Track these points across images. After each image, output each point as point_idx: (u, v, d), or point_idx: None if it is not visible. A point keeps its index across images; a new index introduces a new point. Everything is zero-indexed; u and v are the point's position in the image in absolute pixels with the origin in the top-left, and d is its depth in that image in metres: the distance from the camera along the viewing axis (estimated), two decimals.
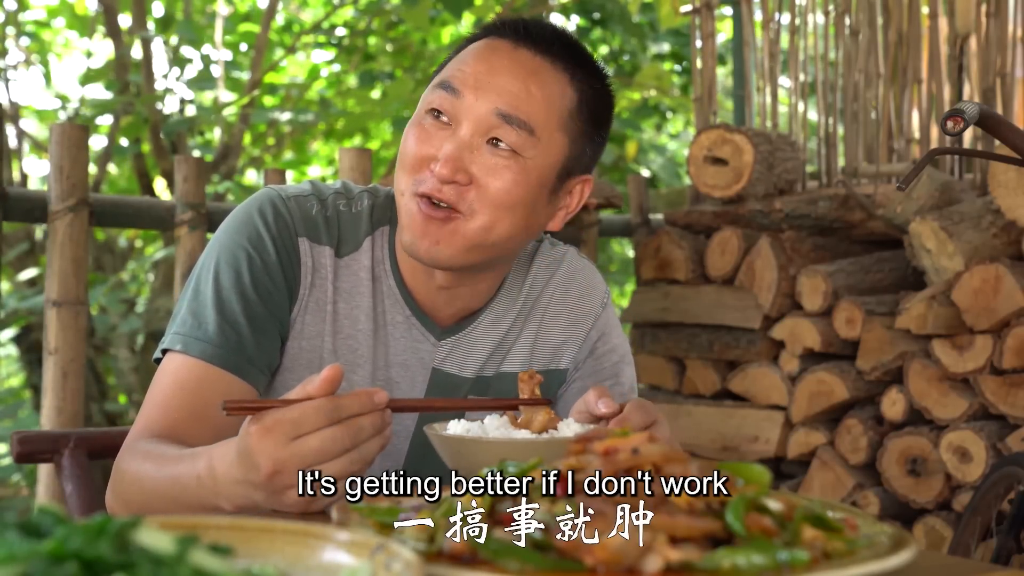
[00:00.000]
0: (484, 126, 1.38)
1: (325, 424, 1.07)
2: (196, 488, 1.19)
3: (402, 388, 1.50)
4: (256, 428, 1.08)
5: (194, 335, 1.37)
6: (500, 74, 1.40)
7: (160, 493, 1.25)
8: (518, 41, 1.42)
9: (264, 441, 1.07)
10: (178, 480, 1.23)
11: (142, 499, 1.29)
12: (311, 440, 1.07)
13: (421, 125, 1.41)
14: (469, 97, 1.39)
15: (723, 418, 3.37)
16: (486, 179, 1.38)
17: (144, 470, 1.29)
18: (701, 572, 0.76)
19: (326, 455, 1.07)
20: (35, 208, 2.67)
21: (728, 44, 5.81)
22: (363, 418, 1.09)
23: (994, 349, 2.79)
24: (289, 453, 1.06)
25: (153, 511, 1.25)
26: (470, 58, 1.42)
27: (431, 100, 1.41)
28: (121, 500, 1.33)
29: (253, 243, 1.41)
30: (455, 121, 1.39)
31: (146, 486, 1.28)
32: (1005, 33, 3.28)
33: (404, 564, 0.68)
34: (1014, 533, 2.18)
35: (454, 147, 1.37)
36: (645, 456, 0.84)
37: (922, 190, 3.09)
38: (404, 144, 1.43)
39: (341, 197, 1.50)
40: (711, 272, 3.48)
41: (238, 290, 1.39)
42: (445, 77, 1.42)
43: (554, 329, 1.60)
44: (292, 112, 5.55)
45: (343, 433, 1.08)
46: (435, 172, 1.37)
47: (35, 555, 0.58)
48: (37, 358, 5.02)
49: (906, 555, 0.82)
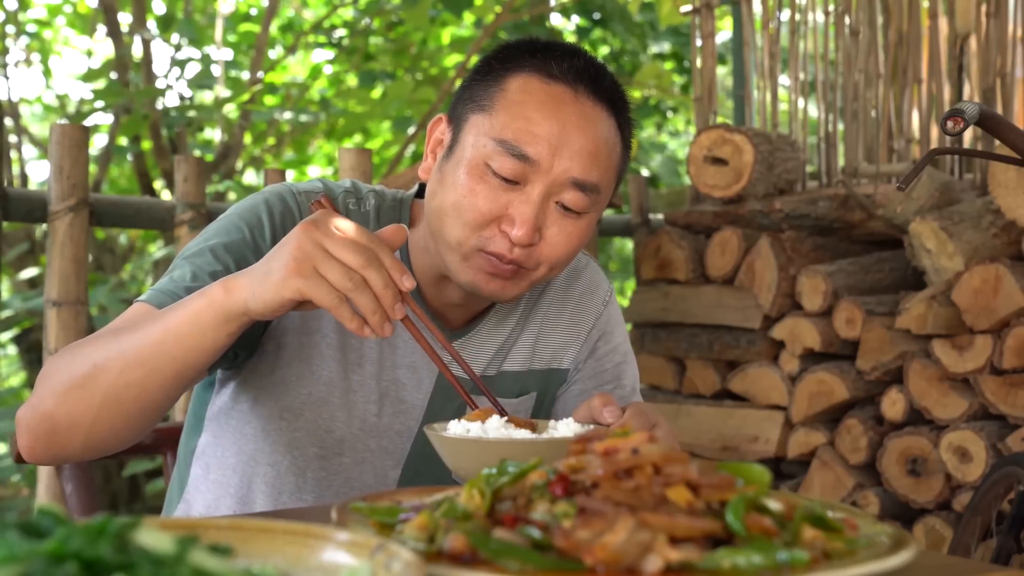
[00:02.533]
0: (557, 191, 1.37)
1: (361, 240, 1.16)
2: (187, 300, 1.21)
3: (408, 389, 1.50)
4: (314, 216, 1.18)
5: (162, 290, 1.35)
6: (572, 134, 1.35)
7: (122, 333, 1.23)
8: (577, 87, 1.38)
9: (311, 224, 1.16)
10: (176, 317, 1.20)
11: (93, 352, 1.24)
12: (344, 239, 1.15)
13: (484, 181, 1.36)
14: (543, 162, 1.34)
15: (723, 418, 3.37)
16: (555, 239, 1.38)
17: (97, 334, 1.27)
18: (701, 572, 0.76)
19: (342, 252, 1.14)
20: (35, 208, 2.67)
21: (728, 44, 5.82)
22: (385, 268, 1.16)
23: (994, 349, 2.79)
24: (321, 234, 1.15)
25: (101, 364, 1.22)
26: (535, 114, 1.36)
27: (498, 164, 1.34)
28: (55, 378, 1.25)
29: (251, 227, 1.41)
30: (524, 181, 1.35)
31: (102, 337, 1.25)
32: (1005, 33, 3.28)
33: (404, 564, 0.68)
34: (1014, 533, 2.18)
35: (532, 212, 1.35)
36: (645, 456, 0.84)
37: (922, 190, 3.09)
38: (454, 194, 1.37)
39: (351, 196, 1.50)
40: (711, 272, 3.48)
41: (222, 261, 1.38)
42: (509, 138, 1.34)
43: (556, 328, 1.60)
44: (292, 112, 5.55)
45: (368, 253, 1.15)
46: (512, 236, 1.34)
47: (35, 555, 0.58)
48: (37, 358, 5.03)
49: (906, 555, 0.82)
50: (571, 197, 1.37)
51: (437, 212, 1.40)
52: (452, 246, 1.38)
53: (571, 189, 1.36)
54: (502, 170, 1.34)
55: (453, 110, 1.44)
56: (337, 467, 1.48)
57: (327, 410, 1.46)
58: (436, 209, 1.40)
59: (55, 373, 1.26)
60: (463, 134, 1.39)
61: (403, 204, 1.52)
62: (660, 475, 0.83)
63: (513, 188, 1.35)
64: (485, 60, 1.44)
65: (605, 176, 1.40)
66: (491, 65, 1.42)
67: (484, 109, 1.38)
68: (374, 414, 1.48)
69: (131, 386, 1.22)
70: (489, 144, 1.35)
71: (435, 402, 1.51)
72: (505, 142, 1.35)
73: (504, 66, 1.40)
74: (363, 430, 1.48)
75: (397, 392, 1.49)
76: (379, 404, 1.48)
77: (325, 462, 1.47)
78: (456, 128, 1.42)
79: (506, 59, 1.41)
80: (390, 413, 1.49)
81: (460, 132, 1.40)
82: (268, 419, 1.46)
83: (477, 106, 1.39)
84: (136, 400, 1.23)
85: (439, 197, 1.40)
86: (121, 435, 1.28)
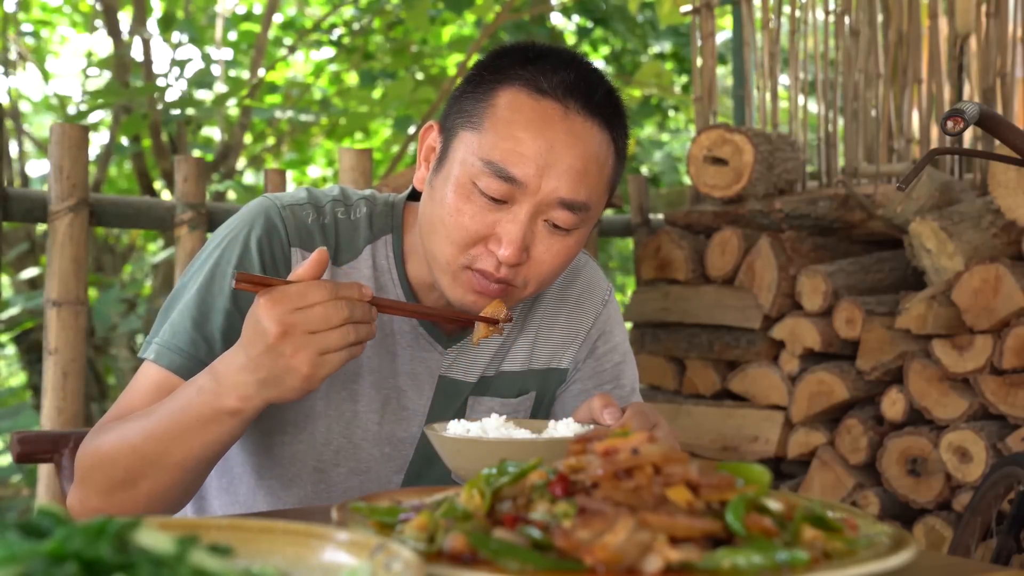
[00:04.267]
0: (545, 210, 1.36)
1: (327, 298, 1.18)
2: (197, 401, 1.24)
3: (409, 396, 1.49)
4: (264, 299, 1.18)
5: (167, 346, 1.38)
6: (560, 153, 1.34)
7: (152, 438, 1.28)
8: (567, 103, 1.36)
9: (273, 308, 1.17)
10: (175, 407, 1.26)
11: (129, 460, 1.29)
12: (316, 308, 1.17)
13: (471, 200, 1.35)
14: (530, 184, 1.33)
15: (723, 418, 3.37)
16: (543, 257, 1.38)
17: (127, 430, 1.31)
18: (701, 572, 0.76)
19: (329, 322, 1.17)
20: (35, 208, 2.67)
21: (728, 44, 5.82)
22: (355, 300, 1.20)
23: (994, 349, 2.79)
24: (296, 317, 1.17)
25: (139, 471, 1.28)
26: (523, 134, 1.34)
27: (485, 184, 1.33)
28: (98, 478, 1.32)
29: (240, 258, 1.40)
30: (512, 201, 1.35)
31: (133, 441, 1.29)
32: (1005, 33, 3.28)
33: (404, 564, 0.68)
34: (1014, 533, 2.18)
35: (519, 231, 1.34)
36: (645, 456, 0.84)
37: (922, 190, 3.08)
38: (442, 211, 1.36)
39: (339, 204, 1.48)
40: (711, 272, 3.48)
41: (220, 305, 1.39)
42: (497, 159, 1.33)
43: (555, 327, 1.60)
44: (293, 111, 5.55)
45: (342, 305, 1.18)
46: (499, 255, 1.34)
47: (35, 555, 0.58)
48: (37, 358, 5.03)
49: (906, 555, 0.82)
50: (559, 216, 1.36)
51: (427, 227, 1.40)
52: (441, 264, 1.38)
53: (559, 208, 1.35)
54: (489, 190, 1.34)
55: (445, 119, 1.43)
56: (339, 476, 1.48)
57: (327, 422, 1.46)
58: (426, 223, 1.41)
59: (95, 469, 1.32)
60: (452, 150, 1.38)
61: (395, 208, 1.51)
62: (660, 475, 0.83)
63: (500, 208, 1.35)
64: (477, 69, 1.42)
65: (594, 193, 1.39)
66: (482, 76, 1.40)
67: (474, 126, 1.37)
68: (376, 422, 1.48)
69: (173, 487, 1.31)
70: (477, 164, 1.34)
71: (436, 407, 1.51)
72: (492, 163, 1.34)
73: (495, 77, 1.38)
74: (365, 439, 1.48)
75: (399, 400, 1.49)
76: (381, 412, 1.48)
77: (328, 472, 1.47)
78: (446, 140, 1.41)
79: (497, 69, 1.39)
80: (392, 420, 1.49)
81: (450, 146, 1.39)
82: (270, 433, 1.46)
83: (467, 121, 1.38)
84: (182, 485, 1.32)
85: (428, 211, 1.40)
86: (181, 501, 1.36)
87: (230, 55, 6.34)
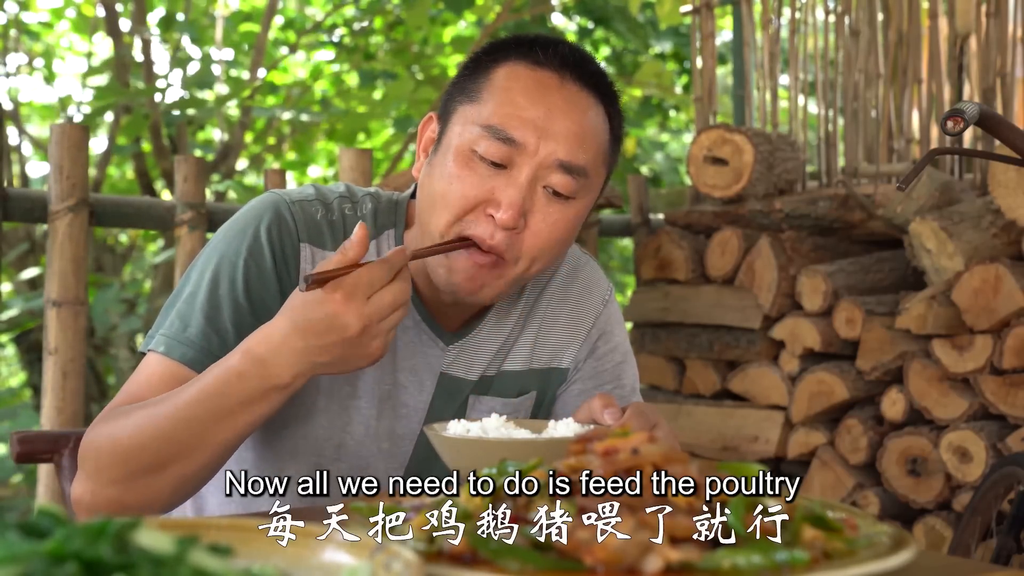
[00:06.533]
0: (544, 174, 1.37)
1: (389, 279, 1.23)
2: (239, 386, 1.24)
3: (409, 392, 1.49)
4: (340, 295, 1.20)
5: (178, 338, 1.37)
6: (557, 118, 1.36)
7: (186, 423, 1.26)
8: (563, 73, 1.39)
9: (350, 304, 1.20)
10: (211, 391, 1.25)
11: (158, 445, 1.27)
12: (384, 294, 1.22)
13: (470, 167, 1.36)
14: (529, 145, 1.35)
15: (723, 418, 3.37)
16: (539, 226, 1.38)
17: (146, 418, 1.29)
18: (701, 572, 0.76)
19: (396, 304, 1.23)
20: (35, 208, 2.67)
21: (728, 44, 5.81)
22: (406, 268, 1.26)
23: (994, 349, 2.79)
24: (372, 308, 1.21)
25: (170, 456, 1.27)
26: (522, 99, 1.37)
27: (484, 148, 1.35)
28: (116, 468, 1.29)
29: (250, 250, 1.40)
30: (511, 165, 1.36)
31: (162, 428, 1.27)
32: (1005, 33, 3.28)
33: (404, 564, 0.68)
34: (1014, 533, 2.18)
35: (518, 194, 1.35)
36: (645, 456, 0.84)
37: (922, 190, 3.08)
38: (441, 183, 1.38)
39: (346, 200, 1.49)
40: (711, 272, 3.48)
41: (231, 297, 1.38)
42: (496, 123, 1.35)
43: (555, 327, 1.60)
44: (293, 111, 5.55)
45: (404, 284, 1.24)
46: (497, 219, 1.34)
47: (35, 555, 0.58)
48: (37, 358, 5.02)
49: (906, 555, 0.82)
50: (559, 180, 1.37)
51: (425, 203, 1.41)
52: (434, 237, 1.39)
53: (558, 171, 1.37)
54: (488, 154, 1.35)
55: (443, 107, 1.45)
56: (339, 472, 1.48)
57: (328, 417, 1.46)
58: (424, 200, 1.41)
59: (113, 459, 1.29)
60: (451, 125, 1.41)
61: (399, 206, 1.52)
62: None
63: (500, 172, 1.36)
64: (473, 55, 1.45)
65: (593, 160, 1.40)
66: (479, 59, 1.43)
67: (472, 99, 1.40)
68: (375, 418, 1.48)
69: (206, 467, 1.31)
70: (476, 130, 1.37)
71: (436, 404, 1.51)
72: (491, 127, 1.36)
73: (491, 58, 1.42)
74: (365, 435, 1.48)
75: (399, 396, 1.49)
76: (379, 408, 1.48)
77: (327, 468, 1.47)
78: (444, 121, 1.43)
79: (493, 51, 1.43)
80: (390, 416, 1.49)
81: (448, 124, 1.42)
82: (270, 428, 1.46)
83: (465, 97, 1.41)
84: (216, 464, 1.32)
85: (427, 188, 1.41)
86: (206, 480, 1.35)
87: (231, 55, 6.34)
